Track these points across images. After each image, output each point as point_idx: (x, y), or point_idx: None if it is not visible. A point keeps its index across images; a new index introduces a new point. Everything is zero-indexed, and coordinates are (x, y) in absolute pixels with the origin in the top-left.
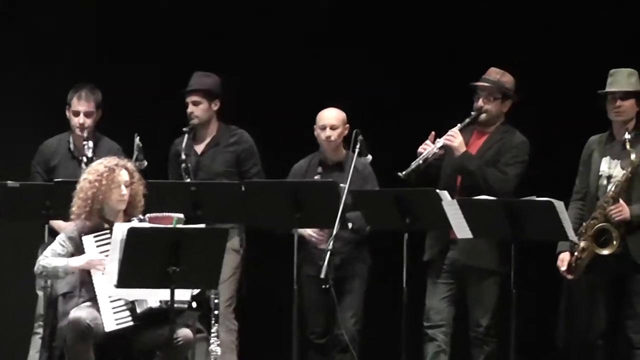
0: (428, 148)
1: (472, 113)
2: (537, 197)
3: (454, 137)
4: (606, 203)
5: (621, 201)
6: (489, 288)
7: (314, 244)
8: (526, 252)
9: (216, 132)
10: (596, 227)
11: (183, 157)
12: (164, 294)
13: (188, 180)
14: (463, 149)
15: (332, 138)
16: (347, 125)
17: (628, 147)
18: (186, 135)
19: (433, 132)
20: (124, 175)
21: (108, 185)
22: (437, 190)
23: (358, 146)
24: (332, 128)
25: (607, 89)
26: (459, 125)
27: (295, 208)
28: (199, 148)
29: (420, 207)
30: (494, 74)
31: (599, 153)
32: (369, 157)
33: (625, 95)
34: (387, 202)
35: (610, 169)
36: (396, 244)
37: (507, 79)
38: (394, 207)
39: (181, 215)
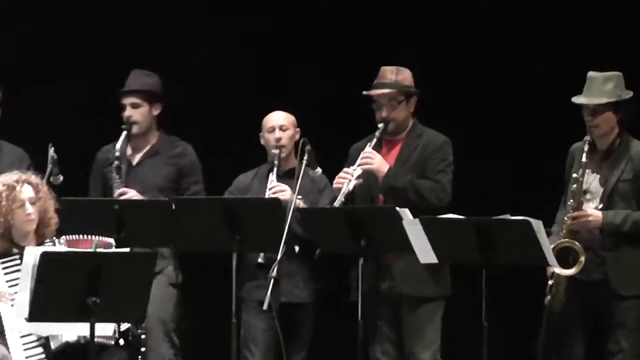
0: (345, 181)
1: (379, 126)
2: (512, 215)
3: (371, 158)
4: (568, 218)
5: (586, 208)
6: (427, 317)
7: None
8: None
9: (156, 141)
10: (557, 245)
11: (117, 154)
12: (82, 329)
13: (118, 182)
14: (385, 167)
15: (283, 141)
16: (298, 129)
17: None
18: (123, 134)
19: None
20: (26, 192)
21: (9, 205)
22: (397, 208)
23: (306, 157)
24: (282, 129)
25: (578, 99)
26: (369, 144)
27: (233, 229)
28: (135, 158)
29: (377, 227)
30: (389, 74)
31: (579, 164)
32: (319, 170)
33: (598, 108)
34: (339, 222)
35: (587, 183)
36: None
37: (403, 75)
38: (346, 227)
39: (111, 240)
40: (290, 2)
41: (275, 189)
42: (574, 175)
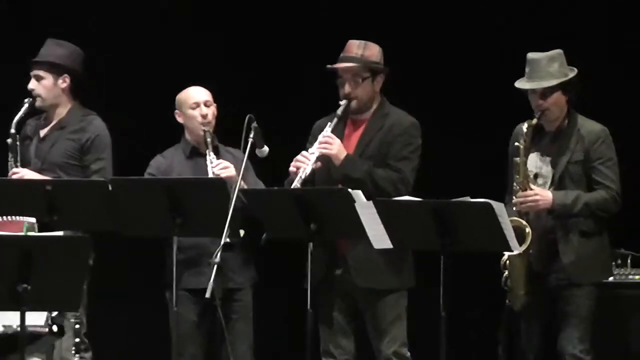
0: (302, 165)
1: (340, 103)
2: (472, 197)
3: (330, 144)
4: (516, 200)
5: (534, 187)
6: (389, 311)
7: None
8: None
9: (65, 114)
10: None
11: (12, 130)
12: (11, 318)
13: (11, 161)
14: (343, 154)
15: (210, 117)
16: (215, 105)
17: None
18: (23, 108)
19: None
20: None
21: None
22: (350, 190)
23: (252, 135)
24: (207, 105)
25: (523, 84)
26: (329, 125)
27: (175, 212)
28: (42, 133)
29: (328, 210)
30: (355, 48)
31: (527, 148)
32: (266, 148)
33: (547, 90)
34: (287, 204)
35: (537, 167)
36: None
37: (371, 51)
38: (295, 210)
39: (32, 220)
40: None
41: (222, 164)
42: (515, 159)
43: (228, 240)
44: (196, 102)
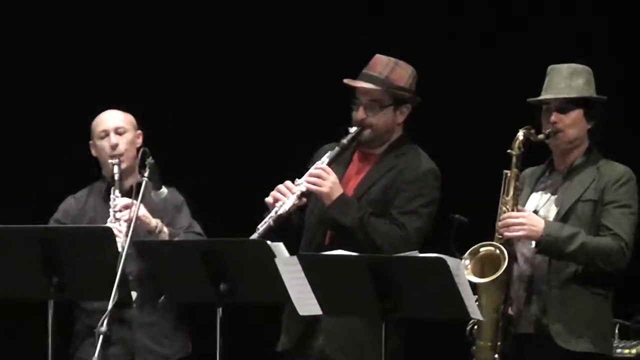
0: (282, 198)
1: (350, 130)
2: (422, 251)
3: (323, 180)
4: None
5: (524, 210)
6: None
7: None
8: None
9: None
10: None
11: None
12: None
13: None
14: (337, 193)
15: (121, 147)
16: (140, 132)
17: None
18: None
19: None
20: None
21: None
22: (269, 242)
23: (147, 173)
24: (118, 132)
25: (541, 96)
26: (328, 154)
27: (50, 269)
28: None
29: (242, 267)
30: (381, 66)
31: (530, 187)
32: (164, 190)
33: (566, 105)
34: (191, 260)
35: (539, 206)
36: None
37: (399, 73)
38: (201, 267)
39: None
40: None
41: (123, 203)
42: (505, 172)
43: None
44: (104, 129)
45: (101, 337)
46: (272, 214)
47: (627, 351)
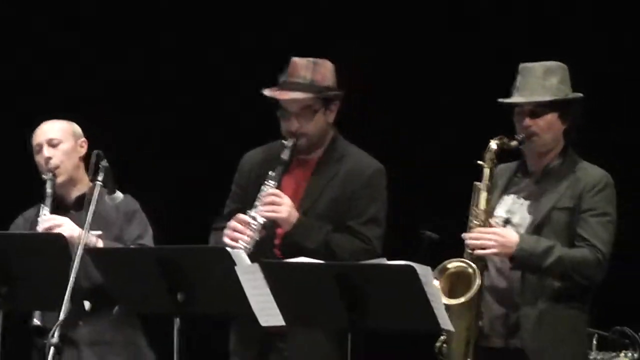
0: (244, 238)
1: (285, 144)
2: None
3: (278, 204)
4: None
5: (494, 224)
6: None
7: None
8: None
9: None
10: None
11: None
12: None
13: None
14: (295, 217)
15: (55, 160)
16: (83, 139)
17: None
18: None
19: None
20: None
21: None
22: (229, 249)
23: (101, 177)
24: (52, 144)
25: (509, 99)
26: (271, 175)
27: None
28: None
29: (201, 275)
30: (302, 70)
31: (501, 189)
32: (119, 194)
33: (540, 109)
34: (146, 268)
35: (511, 212)
36: None
37: (322, 72)
38: (156, 275)
39: None
40: None
41: (48, 224)
42: (476, 184)
43: (37, 322)
44: (38, 143)
45: (52, 349)
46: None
47: None
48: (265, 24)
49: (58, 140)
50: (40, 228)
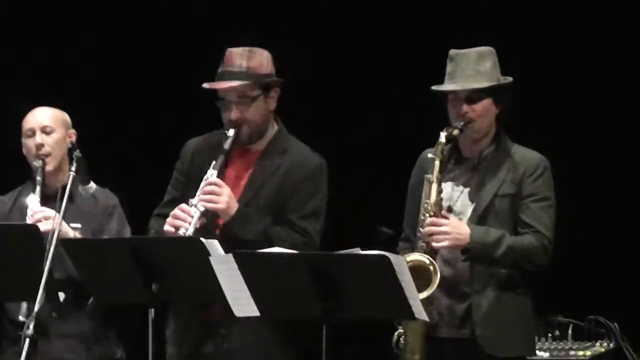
0: (183, 225)
1: (227, 134)
2: (362, 249)
3: (217, 194)
4: (422, 234)
5: (450, 216)
6: None
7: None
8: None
9: None
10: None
11: None
12: None
13: None
14: (234, 208)
15: (47, 148)
16: (72, 130)
17: None
18: None
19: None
20: None
21: None
22: (203, 240)
23: (74, 167)
24: (45, 131)
25: (444, 85)
26: (213, 164)
27: None
28: None
29: (175, 265)
30: (238, 59)
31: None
32: (92, 185)
33: (476, 95)
34: (120, 259)
35: (452, 200)
36: None
37: (257, 60)
38: (131, 265)
39: None
40: None
41: (38, 215)
42: (427, 176)
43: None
44: (30, 127)
45: (27, 340)
46: None
47: (581, 353)
48: None
49: (51, 128)
50: (31, 219)
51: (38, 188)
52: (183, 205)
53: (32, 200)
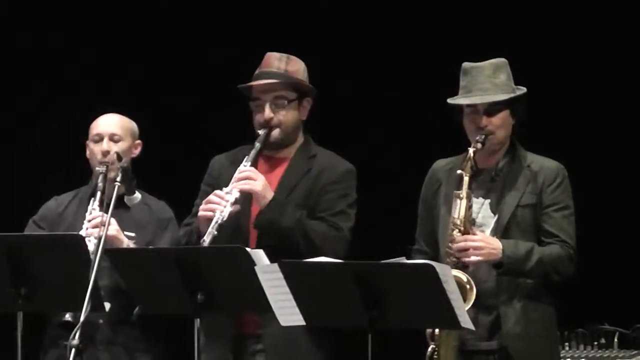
0: (218, 207)
1: (259, 133)
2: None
3: (254, 179)
4: (449, 248)
5: (477, 232)
6: None
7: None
8: None
9: None
10: None
11: None
12: None
13: None
14: (270, 194)
15: (113, 155)
16: (139, 141)
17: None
18: None
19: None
20: None
21: None
22: (248, 249)
23: (119, 177)
24: (113, 139)
25: (462, 99)
26: (247, 157)
27: (17, 279)
28: None
29: (220, 275)
30: (276, 62)
31: (452, 187)
32: (138, 195)
33: (494, 107)
34: (165, 268)
35: (474, 212)
36: None
37: (295, 66)
38: (177, 276)
39: None
40: None
41: (96, 220)
42: (456, 192)
43: (69, 319)
44: (98, 133)
45: (73, 350)
46: (213, 224)
47: None
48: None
49: (119, 137)
50: (88, 223)
51: (99, 194)
52: (217, 191)
53: (92, 205)
